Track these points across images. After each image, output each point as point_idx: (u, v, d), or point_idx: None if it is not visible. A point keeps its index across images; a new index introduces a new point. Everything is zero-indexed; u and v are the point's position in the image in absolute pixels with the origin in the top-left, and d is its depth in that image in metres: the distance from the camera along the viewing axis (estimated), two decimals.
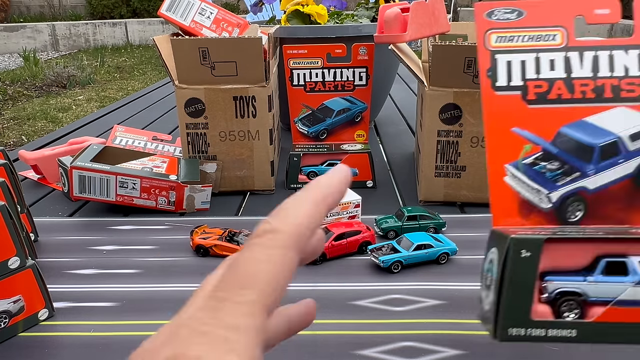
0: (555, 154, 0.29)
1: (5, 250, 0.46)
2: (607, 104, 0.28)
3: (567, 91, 0.28)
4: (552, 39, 0.28)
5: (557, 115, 0.28)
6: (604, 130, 0.28)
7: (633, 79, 0.28)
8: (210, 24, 0.88)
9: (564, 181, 0.29)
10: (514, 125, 0.28)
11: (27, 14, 7.81)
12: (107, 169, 0.70)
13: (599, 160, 0.28)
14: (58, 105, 4.24)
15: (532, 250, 0.24)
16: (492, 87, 0.28)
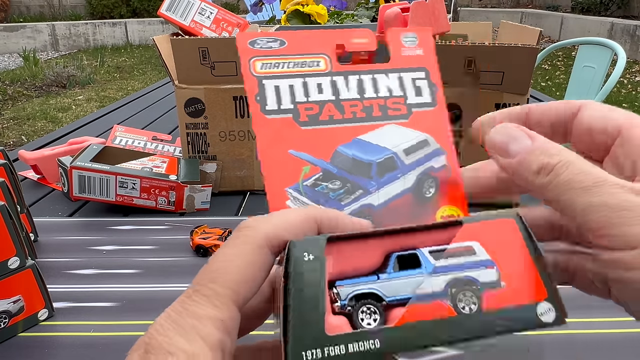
0: (335, 173, 0.28)
1: (5, 250, 0.46)
2: (377, 122, 0.29)
3: (338, 112, 0.28)
4: (317, 65, 0.29)
5: (331, 135, 0.28)
6: (378, 147, 0.29)
7: (397, 98, 0.29)
8: (210, 24, 0.88)
9: (349, 199, 0.28)
10: (289, 147, 0.28)
11: (27, 14, 7.81)
12: (107, 169, 0.70)
13: (378, 176, 0.28)
14: (58, 105, 4.24)
15: (314, 251, 0.22)
16: (262, 111, 0.28)
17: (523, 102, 0.68)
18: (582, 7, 6.91)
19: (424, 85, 0.30)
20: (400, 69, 0.30)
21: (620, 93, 4.24)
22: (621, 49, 1.86)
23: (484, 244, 0.24)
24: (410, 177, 0.29)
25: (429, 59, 0.31)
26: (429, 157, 0.29)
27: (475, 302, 0.23)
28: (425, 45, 0.31)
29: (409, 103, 0.29)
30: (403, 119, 0.29)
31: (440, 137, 0.29)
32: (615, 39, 5.30)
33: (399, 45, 0.30)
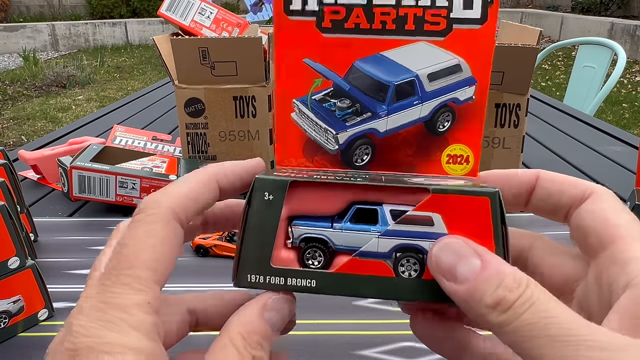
0: (347, 90, 0.26)
1: (5, 250, 0.46)
2: (408, 37, 0.25)
3: (366, 20, 0.25)
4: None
5: (353, 47, 0.25)
6: (401, 67, 0.25)
7: (439, 9, 0.25)
8: (210, 24, 0.88)
9: (354, 121, 0.26)
10: (306, 55, 0.25)
11: (27, 14, 7.81)
12: (106, 169, 0.70)
13: (393, 100, 0.26)
14: (58, 105, 4.24)
15: (275, 193, 0.23)
16: (285, 10, 0.25)
17: (523, 102, 0.68)
18: (582, 7, 6.91)
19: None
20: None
21: (620, 93, 4.24)
22: (621, 49, 1.86)
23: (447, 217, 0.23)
24: (428, 106, 0.26)
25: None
26: (455, 87, 0.26)
27: (417, 270, 0.23)
28: None
29: (452, 16, 0.25)
30: (439, 37, 0.25)
31: (476, 63, 0.25)
32: (615, 39, 5.30)
33: None
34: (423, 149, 0.27)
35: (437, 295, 0.22)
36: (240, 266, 0.23)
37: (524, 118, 0.69)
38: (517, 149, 0.70)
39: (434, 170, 0.27)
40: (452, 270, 0.21)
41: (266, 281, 0.23)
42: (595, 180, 0.85)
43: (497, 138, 0.70)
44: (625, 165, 0.92)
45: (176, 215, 0.21)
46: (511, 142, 0.70)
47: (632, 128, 3.41)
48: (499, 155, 0.71)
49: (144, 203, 0.21)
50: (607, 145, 1.04)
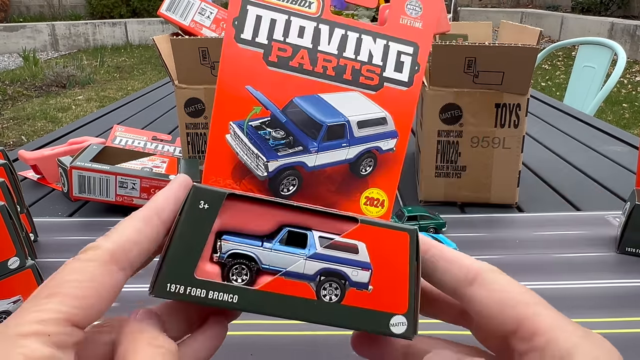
0: (283, 122, 0.27)
1: (5, 250, 0.46)
2: (344, 85, 0.27)
3: (310, 62, 0.27)
4: (308, 6, 0.27)
5: (294, 84, 0.27)
6: (335, 110, 0.28)
7: (374, 67, 0.28)
8: (210, 24, 0.88)
9: (286, 152, 0.27)
10: (249, 83, 0.27)
11: (27, 14, 7.81)
12: (106, 169, 0.70)
13: (324, 139, 0.28)
14: (58, 105, 4.24)
15: (211, 203, 0.23)
16: (235, 37, 0.26)
17: (523, 102, 0.68)
18: (582, 7, 6.91)
19: (407, 61, 0.28)
20: (391, 37, 0.28)
21: (620, 93, 4.24)
22: (621, 49, 1.86)
23: (370, 247, 0.25)
24: (354, 150, 0.28)
25: (426, 35, 0.28)
26: (380, 137, 0.28)
27: (338, 295, 0.24)
28: (427, 18, 0.28)
29: (384, 75, 0.28)
30: (371, 90, 0.28)
31: (400, 120, 0.28)
32: (615, 39, 5.30)
33: (401, 10, 0.28)
34: (345, 188, 0.28)
35: (353, 321, 0.24)
36: (161, 274, 0.23)
37: (524, 118, 0.69)
38: (517, 149, 0.70)
39: (352, 209, 0.28)
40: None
41: (187, 292, 0.23)
42: (595, 180, 0.85)
43: (497, 138, 0.70)
44: (625, 165, 0.92)
45: (115, 258, 0.21)
46: (511, 142, 0.70)
47: (632, 128, 3.41)
48: (499, 155, 0.71)
49: (87, 246, 0.22)
50: (607, 145, 1.04)
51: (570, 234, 0.65)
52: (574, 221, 0.68)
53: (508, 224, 0.69)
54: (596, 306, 0.50)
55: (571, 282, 0.54)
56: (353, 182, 0.28)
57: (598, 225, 0.67)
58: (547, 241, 0.63)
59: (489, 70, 0.67)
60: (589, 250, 0.61)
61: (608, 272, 0.56)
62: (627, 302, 0.51)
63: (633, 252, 0.59)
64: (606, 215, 0.69)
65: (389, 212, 0.28)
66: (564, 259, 0.59)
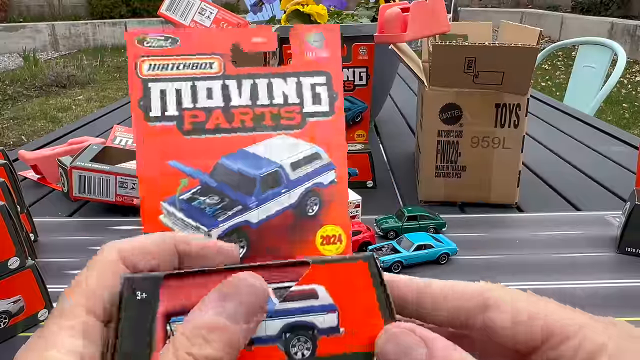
0: (214, 187, 0.27)
1: (5, 250, 0.46)
2: (267, 132, 0.27)
3: (226, 120, 0.27)
4: (210, 67, 0.27)
5: (215, 146, 0.26)
6: (264, 159, 0.27)
7: (292, 106, 0.27)
8: (210, 24, 0.88)
9: (225, 216, 0.26)
10: (170, 158, 0.26)
11: (27, 14, 7.81)
12: (106, 169, 0.70)
13: (261, 191, 0.27)
14: (58, 105, 4.24)
15: (148, 290, 0.22)
16: (146, 118, 0.26)
17: (523, 102, 0.68)
18: (582, 7, 6.91)
19: (323, 92, 0.28)
20: (300, 72, 0.28)
21: (620, 93, 4.24)
22: (621, 49, 1.86)
23: (330, 287, 0.23)
24: (295, 193, 0.27)
25: (334, 62, 0.28)
26: (318, 172, 0.27)
27: (309, 348, 0.23)
28: (331, 46, 0.28)
29: (304, 111, 0.27)
30: (296, 129, 0.27)
31: (333, 150, 0.27)
32: (615, 39, 5.30)
33: (303, 45, 0.28)
34: (297, 234, 0.27)
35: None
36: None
37: (524, 118, 0.69)
38: (517, 149, 0.70)
39: (310, 252, 0.27)
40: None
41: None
42: (595, 180, 0.85)
43: (497, 138, 0.70)
44: (625, 165, 0.92)
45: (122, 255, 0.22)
46: (511, 142, 0.70)
47: (632, 128, 3.41)
48: (499, 155, 0.71)
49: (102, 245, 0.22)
50: (607, 145, 1.04)
51: (570, 234, 0.65)
52: (574, 221, 0.68)
53: (508, 224, 0.69)
54: (596, 306, 0.50)
55: (571, 282, 0.54)
56: (304, 224, 0.27)
57: (598, 225, 0.67)
58: (547, 241, 0.63)
59: (489, 70, 0.67)
60: (589, 250, 0.61)
61: (608, 272, 0.56)
62: (627, 302, 0.51)
63: (633, 252, 0.59)
64: (606, 215, 0.69)
65: (349, 245, 0.27)
66: (563, 259, 0.59)
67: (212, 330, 0.19)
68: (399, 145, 1.06)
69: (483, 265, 0.58)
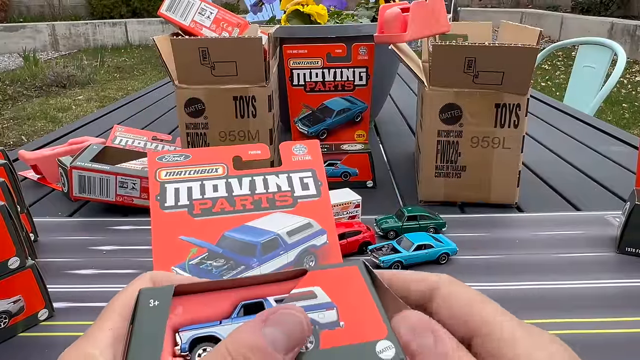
0: (220, 252, 0.31)
1: (5, 250, 0.46)
2: (265, 212, 0.32)
3: (229, 205, 0.32)
4: (215, 171, 0.33)
5: (221, 224, 0.31)
6: (264, 230, 0.32)
7: (285, 192, 0.33)
8: (210, 24, 0.88)
9: (230, 274, 0.30)
10: (181, 234, 0.31)
11: (27, 14, 7.81)
12: (107, 169, 0.70)
13: (262, 254, 0.31)
14: (58, 105, 4.24)
15: (160, 299, 0.24)
16: (161, 207, 0.31)
17: (523, 102, 0.68)
18: (582, 7, 6.91)
19: (310, 181, 0.34)
20: (290, 170, 0.34)
21: (620, 93, 4.24)
22: (621, 49, 1.86)
23: (326, 288, 0.26)
24: (292, 254, 0.32)
25: (317, 162, 0.34)
26: (311, 237, 0.32)
27: (313, 342, 0.24)
28: (313, 153, 0.35)
29: (295, 195, 0.33)
30: (289, 208, 0.32)
31: (322, 221, 0.32)
32: (615, 39, 5.30)
33: (290, 154, 0.35)
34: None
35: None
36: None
37: (524, 118, 0.69)
38: (517, 149, 0.70)
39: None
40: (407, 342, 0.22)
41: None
42: (595, 180, 0.85)
43: (497, 138, 0.70)
44: (625, 165, 0.92)
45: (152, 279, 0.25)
46: (511, 142, 0.70)
47: (632, 128, 3.41)
48: (499, 155, 0.71)
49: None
50: (607, 145, 1.04)
51: (570, 234, 0.65)
52: (574, 221, 0.68)
53: (508, 224, 0.69)
54: (596, 306, 0.50)
55: (571, 282, 0.54)
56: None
57: (598, 225, 0.67)
58: (547, 241, 0.63)
59: (489, 70, 0.67)
60: (589, 250, 0.61)
61: (608, 272, 0.56)
62: (627, 302, 0.51)
63: (633, 252, 0.59)
64: (606, 215, 0.69)
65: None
66: (563, 259, 0.59)
67: (255, 351, 0.20)
68: (399, 145, 1.06)
69: (483, 265, 0.58)
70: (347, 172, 0.81)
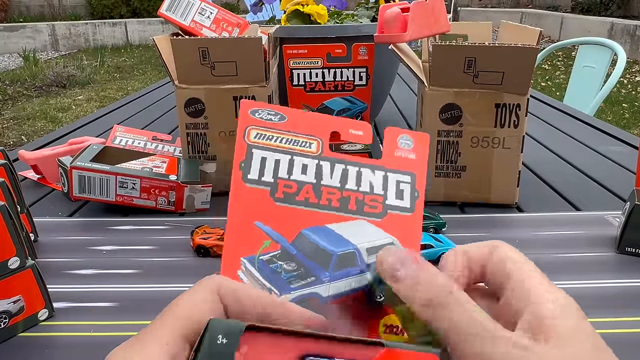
0: (293, 254, 0.28)
1: (5, 250, 0.46)
2: (350, 215, 0.29)
3: (315, 196, 0.29)
4: (309, 147, 0.29)
5: (301, 217, 0.28)
6: (344, 239, 0.29)
7: (376, 196, 0.29)
8: (210, 24, 0.88)
9: (298, 284, 0.28)
10: (257, 219, 0.28)
11: (27, 14, 7.81)
12: (107, 169, 0.70)
13: (335, 268, 0.28)
14: (58, 105, 4.24)
15: (229, 337, 0.22)
16: (243, 178, 0.28)
17: (523, 102, 0.68)
18: (582, 7, 6.91)
19: (407, 189, 0.30)
20: (388, 169, 0.30)
21: (620, 93, 4.24)
22: (621, 49, 1.86)
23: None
24: (366, 277, 0.28)
25: (420, 165, 0.31)
26: None
27: None
28: (419, 150, 0.31)
29: (387, 204, 0.29)
30: (376, 218, 0.29)
31: (408, 243, 0.29)
32: (615, 39, 5.30)
33: (394, 145, 0.31)
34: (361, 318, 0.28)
35: None
36: None
37: (524, 118, 0.69)
38: (517, 149, 0.70)
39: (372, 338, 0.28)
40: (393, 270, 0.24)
41: None
42: (595, 180, 0.85)
43: (497, 138, 0.70)
44: (625, 165, 0.92)
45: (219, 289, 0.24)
46: (511, 142, 0.70)
47: (632, 128, 3.41)
48: (499, 155, 0.71)
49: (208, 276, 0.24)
50: (607, 145, 1.04)
51: (570, 234, 0.65)
52: (574, 221, 0.68)
53: (508, 224, 0.69)
54: (596, 306, 0.50)
55: (571, 282, 0.54)
56: (369, 310, 0.28)
57: (598, 225, 0.67)
58: (547, 241, 0.63)
59: (489, 70, 0.67)
60: (589, 250, 0.61)
61: (608, 272, 0.56)
62: (627, 302, 0.51)
63: (633, 252, 0.59)
64: (606, 215, 0.69)
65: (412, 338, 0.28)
66: (563, 259, 0.59)
67: None
68: None
69: None
70: None
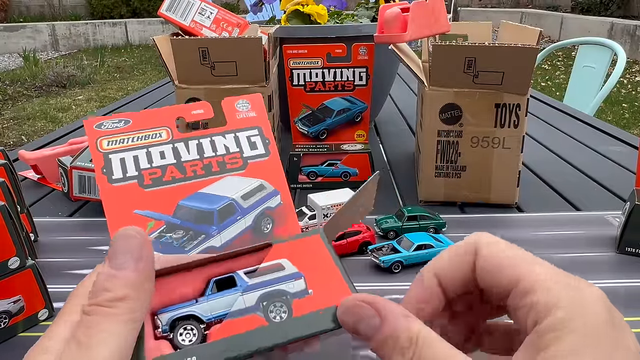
0: (178, 224, 0.30)
1: (5, 250, 0.46)
2: (216, 176, 0.32)
3: (180, 172, 0.31)
4: (159, 136, 0.32)
5: (174, 193, 0.31)
6: (218, 196, 0.31)
7: (234, 154, 0.33)
8: (210, 24, 0.88)
9: (191, 245, 0.30)
10: (134, 208, 0.30)
11: (27, 14, 7.81)
12: None
13: (219, 221, 0.31)
14: (58, 105, 4.24)
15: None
16: (109, 181, 0.30)
17: (523, 102, 0.68)
18: (582, 7, 6.91)
19: (258, 140, 0.34)
20: (236, 129, 0.33)
21: (620, 93, 4.24)
22: (621, 49, 1.86)
23: (293, 259, 0.27)
24: (249, 218, 0.32)
25: (262, 119, 0.34)
26: (265, 199, 0.32)
27: (286, 311, 0.26)
28: (257, 108, 0.34)
29: (244, 156, 0.33)
30: (240, 170, 0.32)
31: (274, 181, 0.33)
32: (615, 39, 5.30)
33: (233, 110, 0.34)
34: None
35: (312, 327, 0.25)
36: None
37: (524, 118, 0.69)
38: (517, 149, 0.70)
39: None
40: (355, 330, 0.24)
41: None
42: (595, 180, 0.85)
43: (497, 138, 0.70)
44: (625, 165, 0.92)
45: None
46: (511, 142, 0.70)
47: (632, 128, 3.41)
48: (499, 155, 0.71)
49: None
50: (607, 145, 1.04)
51: (570, 234, 0.65)
52: (574, 221, 0.68)
53: (508, 224, 0.69)
54: None
55: None
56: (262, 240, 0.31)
57: (598, 225, 0.67)
58: (547, 241, 0.63)
59: (489, 70, 0.67)
60: (589, 250, 0.61)
61: (608, 272, 0.56)
62: (627, 302, 0.51)
63: (633, 252, 0.59)
64: (606, 215, 0.69)
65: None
66: (563, 259, 0.59)
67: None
68: (399, 145, 1.06)
69: None
70: (347, 172, 0.81)
